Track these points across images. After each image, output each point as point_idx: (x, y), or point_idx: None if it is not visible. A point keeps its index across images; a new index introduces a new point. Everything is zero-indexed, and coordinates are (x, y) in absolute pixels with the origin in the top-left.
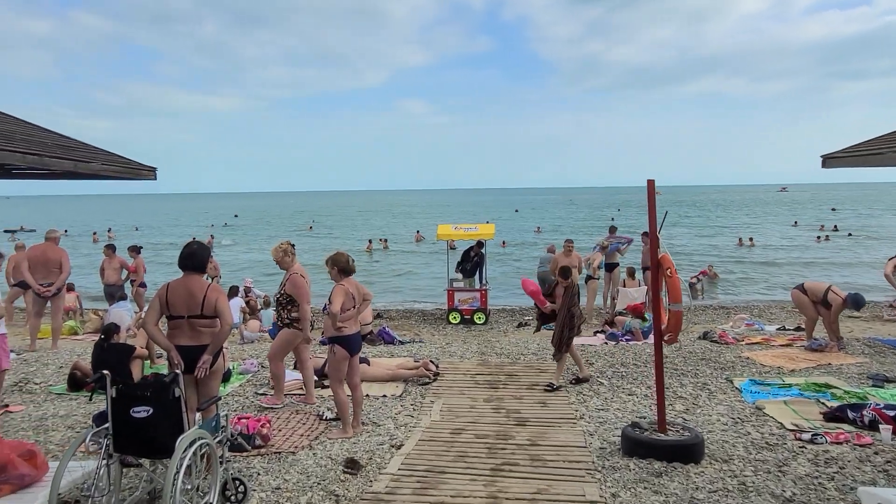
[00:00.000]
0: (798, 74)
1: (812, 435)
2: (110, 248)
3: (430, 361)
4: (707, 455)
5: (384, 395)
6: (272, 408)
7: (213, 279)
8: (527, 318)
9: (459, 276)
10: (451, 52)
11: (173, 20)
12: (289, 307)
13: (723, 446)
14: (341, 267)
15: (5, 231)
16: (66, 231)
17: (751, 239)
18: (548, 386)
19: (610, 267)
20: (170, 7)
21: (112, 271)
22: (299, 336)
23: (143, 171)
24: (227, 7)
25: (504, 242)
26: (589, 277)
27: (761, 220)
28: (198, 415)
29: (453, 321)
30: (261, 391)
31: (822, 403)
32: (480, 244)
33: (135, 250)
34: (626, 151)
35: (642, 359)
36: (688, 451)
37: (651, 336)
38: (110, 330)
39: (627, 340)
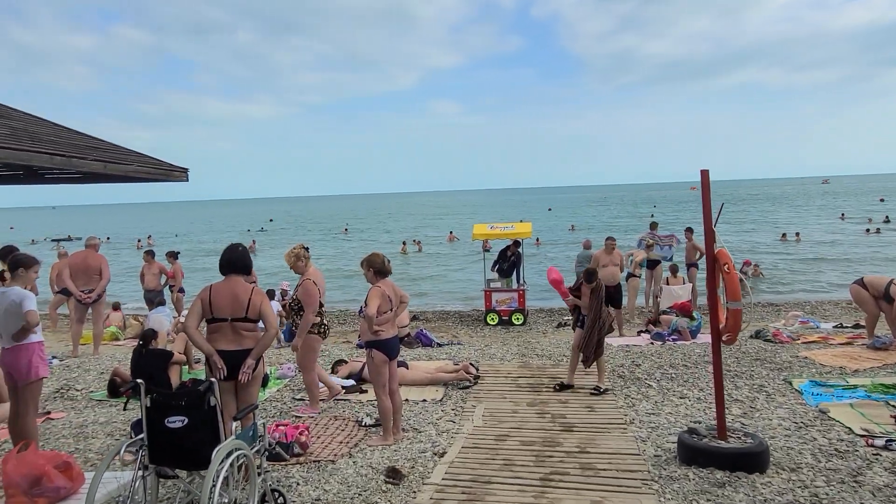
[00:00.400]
0: (840, 63)
1: (886, 441)
2: (149, 254)
3: (470, 364)
4: (772, 463)
5: (424, 400)
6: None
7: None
8: (566, 318)
9: (496, 275)
10: (481, 52)
11: (209, 30)
12: (301, 313)
13: (788, 454)
14: (377, 268)
15: (52, 240)
16: (107, 238)
17: (797, 234)
18: (594, 390)
19: (652, 264)
20: (206, 18)
21: (151, 277)
22: (320, 341)
23: (174, 173)
24: (261, 15)
25: (538, 240)
26: (630, 275)
27: (804, 214)
28: (235, 423)
29: (491, 322)
30: (298, 396)
31: (893, 406)
32: (517, 243)
33: (172, 256)
34: (661, 147)
35: (692, 359)
36: (752, 460)
37: (700, 335)
38: (148, 336)
39: (674, 340)
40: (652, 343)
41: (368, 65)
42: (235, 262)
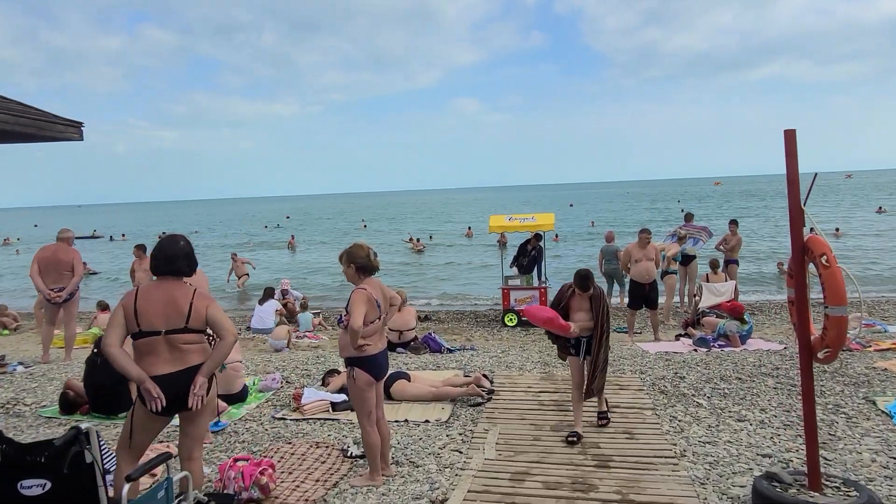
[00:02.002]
0: (871, 56)
1: None
2: (140, 248)
3: (483, 376)
4: None
5: (426, 421)
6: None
7: (240, 277)
8: None
9: (515, 272)
10: (504, 49)
11: (235, 31)
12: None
13: None
14: (360, 264)
15: (77, 237)
16: (123, 235)
17: (836, 229)
18: (600, 417)
19: (686, 260)
20: (232, 18)
21: (143, 273)
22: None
23: (64, 129)
24: (285, 16)
25: (557, 237)
26: (665, 272)
27: (833, 209)
28: (127, 486)
29: (510, 323)
30: (279, 415)
31: None
32: (538, 236)
33: None
34: (685, 142)
35: (746, 371)
36: None
37: (750, 341)
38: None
39: (721, 347)
40: (695, 350)
41: (391, 64)
42: (176, 259)
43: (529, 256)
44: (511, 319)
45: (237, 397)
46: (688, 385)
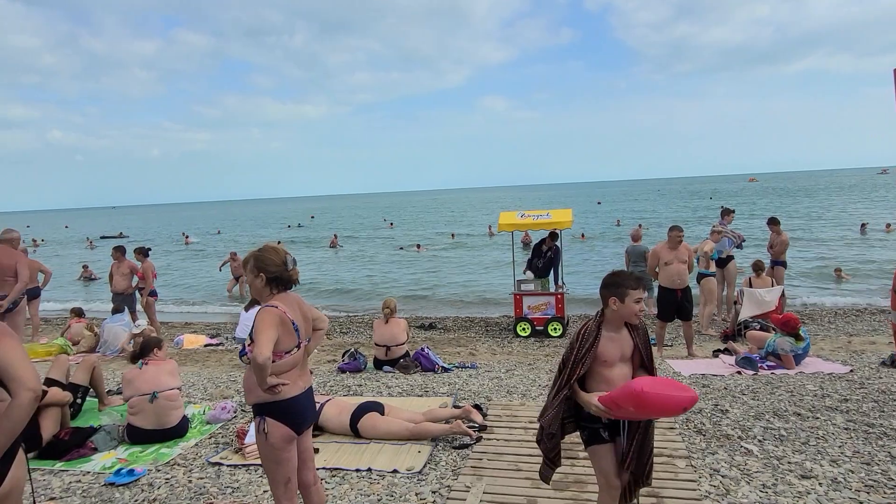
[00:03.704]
0: None
1: None
2: (119, 251)
3: (476, 407)
4: None
5: (395, 471)
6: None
7: (238, 279)
8: None
9: (529, 275)
10: (533, 47)
11: (266, 33)
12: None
13: None
14: (273, 274)
15: (102, 237)
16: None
17: (888, 225)
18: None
19: (722, 262)
20: (263, 20)
21: (121, 277)
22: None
23: None
24: (315, 17)
25: (583, 235)
26: (702, 275)
27: (870, 206)
28: None
29: (522, 333)
30: (216, 458)
31: None
32: (554, 235)
33: (142, 253)
34: (719, 138)
35: (806, 403)
36: None
37: (806, 361)
38: None
39: (771, 368)
40: (739, 372)
41: (419, 62)
42: None
43: (545, 258)
44: (524, 329)
45: (173, 432)
46: (732, 422)
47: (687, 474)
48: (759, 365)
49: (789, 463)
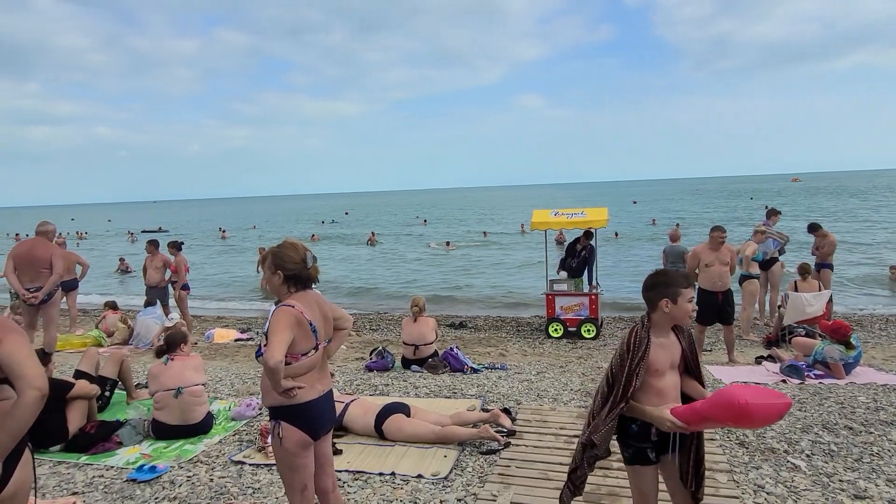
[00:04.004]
0: None
1: None
2: (153, 244)
3: (505, 411)
4: None
5: (419, 476)
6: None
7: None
8: None
9: (562, 275)
10: (570, 44)
11: (305, 31)
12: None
13: None
14: (291, 272)
15: (143, 231)
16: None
17: None
18: None
19: (766, 264)
20: (303, 19)
21: (154, 271)
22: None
23: None
24: (353, 15)
25: (617, 234)
26: (745, 277)
27: None
28: None
29: (554, 334)
30: (238, 456)
31: None
32: (588, 234)
33: (175, 247)
34: (761, 137)
35: (858, 416)
36: None
37: (856, 370)
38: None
39: (819, 378)
40: (784, 381)
41: (454, 60)
42: None
43: (579, 257)
44: (556, 330)
45: (197, 428)
46: (778, 435)
47: (729, 490)
48: (806, 374)
49: (841, 481)
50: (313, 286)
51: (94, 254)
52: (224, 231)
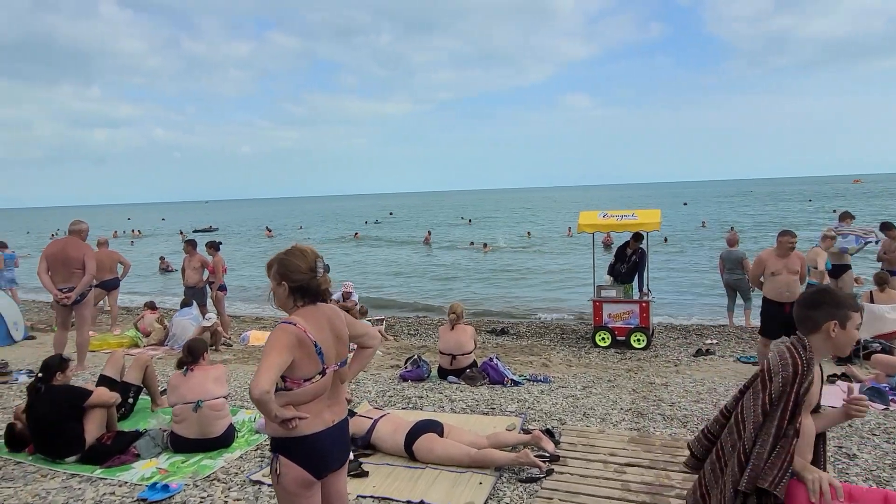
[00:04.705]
0: None
1: None
2: (191, 244)
3: (547, 432)
4: None
5: None
6: None
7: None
8: (709, 341)
9: (609, 280)
10: (618, 43)
11: (354, 33)
12: None
13: None
14: (297, 282)
15: (194, 231)
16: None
17: None
18: None
19: (837, 270)
20: (352, 21)
21: (192, 271)
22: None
23: None
24: (401, 16)
25: (666, 239)
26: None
27: None
28: None
29: (601, 343)
30: (257, 475)
31: None
32: (638, 237)
33: (213, 247)
34: (819, 137)
35: None
36: None
37: None
38: (51, 366)
39: None
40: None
41: (501, 60)
42: None
43: (629, 262)
44: (603, 339)
45: (217, 442)
46: (863, 471)
47: None
48: (891, 398)
49: None
50: (328, 300)
51: (147, 251)
52: (270, 230)
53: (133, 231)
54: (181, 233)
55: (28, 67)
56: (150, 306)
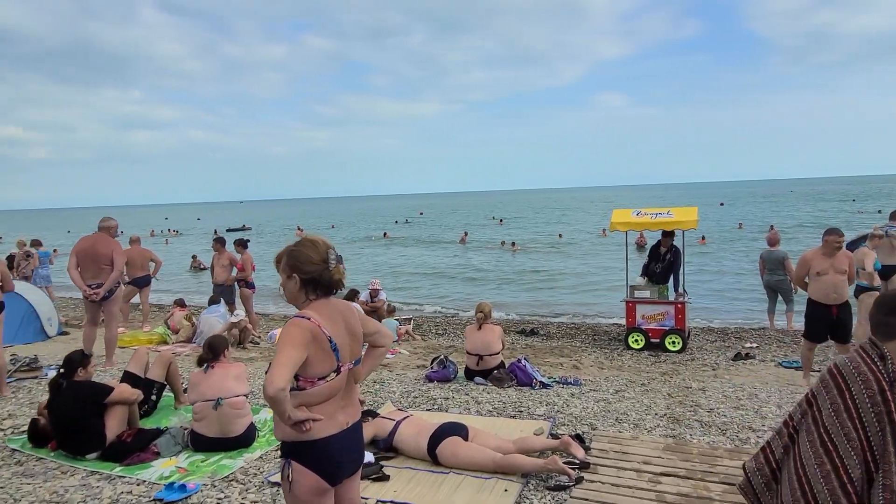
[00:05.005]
0: None
1: None
2: (219, 242)
3: (577, 438)
4: None
5: None
6: None
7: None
8: (748, 344)
9: (643, 281)
10: (654, 40)
11: (386, 34)
12: None
13: None
14: (310, 274)
15: (228, 230)
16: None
17: None
18: None
19: (887, 271)
20: (384, 22)
21: (221, 269)
22: None
23: None
24: (434, 17)
25: (703, 238)
26: (863, 289)
27: None
28: None
29: (634, 346)
30: (276, 476)
31: None
32: (669, 235)
33: (241, 245)
34: (864, 135)
35: None
36: None
37: None
38: (74, 361)
39: None
40: None
41: (534, 60)
42: None
43: (664, 261)
44: (636, 341)
45: (237, 442)
46: None
47: None
48: None
49: None
50: (336, 293)
51: (179, 251)
52: (301, 229)
53: (170, 230)
54: (215, 232)
55: (73, 72)
56: (180, 303)
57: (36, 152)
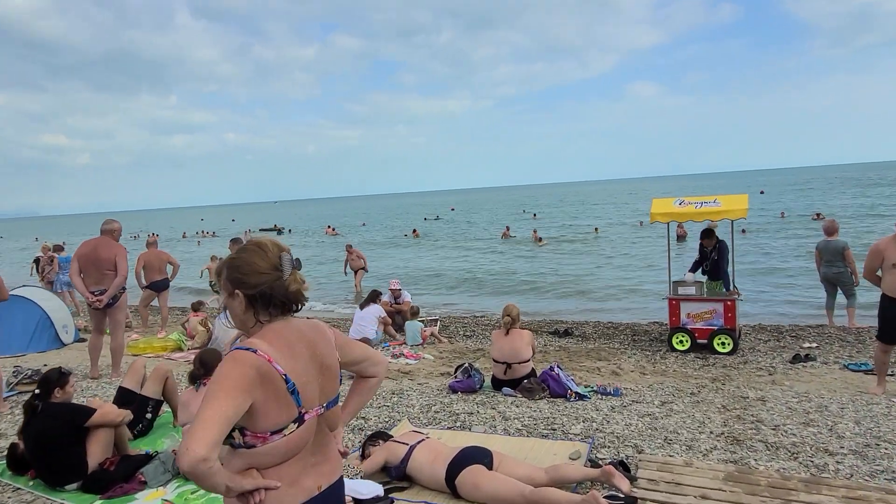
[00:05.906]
0: None
1: None
2: (235, 243)
3: (620, 465)
4: None
5: None
6: None
7: (356, 272)
8: (807, 344)
9: (691, 278)
10: (688, 27)
11: (415, 32)
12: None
13: None
14: (253, 288)
15: (261, 230)
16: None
17: None
18: None
19: None
20: (413, 21)
21: None
22: None
23: None
24: (462, 14)
25: (744, 230)
26: None
27: None
28: None
29: (679, 347)
30: None
31: None
32: (706, 233)
33: None
34: None
35: None
36: None
37: None
38: (50, 380)
39: None
40: None
41: (563, 53)
42: None
43: (711, 258)
44: (681, 342)
45: None
46: None
47: None
48: None
49: None
50: (298, 309)
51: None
52: (332, 228)
53: (205, 232)
54: (247, 232)
55: (113, 79)
56: (195, 308)
57: (79, 159)
